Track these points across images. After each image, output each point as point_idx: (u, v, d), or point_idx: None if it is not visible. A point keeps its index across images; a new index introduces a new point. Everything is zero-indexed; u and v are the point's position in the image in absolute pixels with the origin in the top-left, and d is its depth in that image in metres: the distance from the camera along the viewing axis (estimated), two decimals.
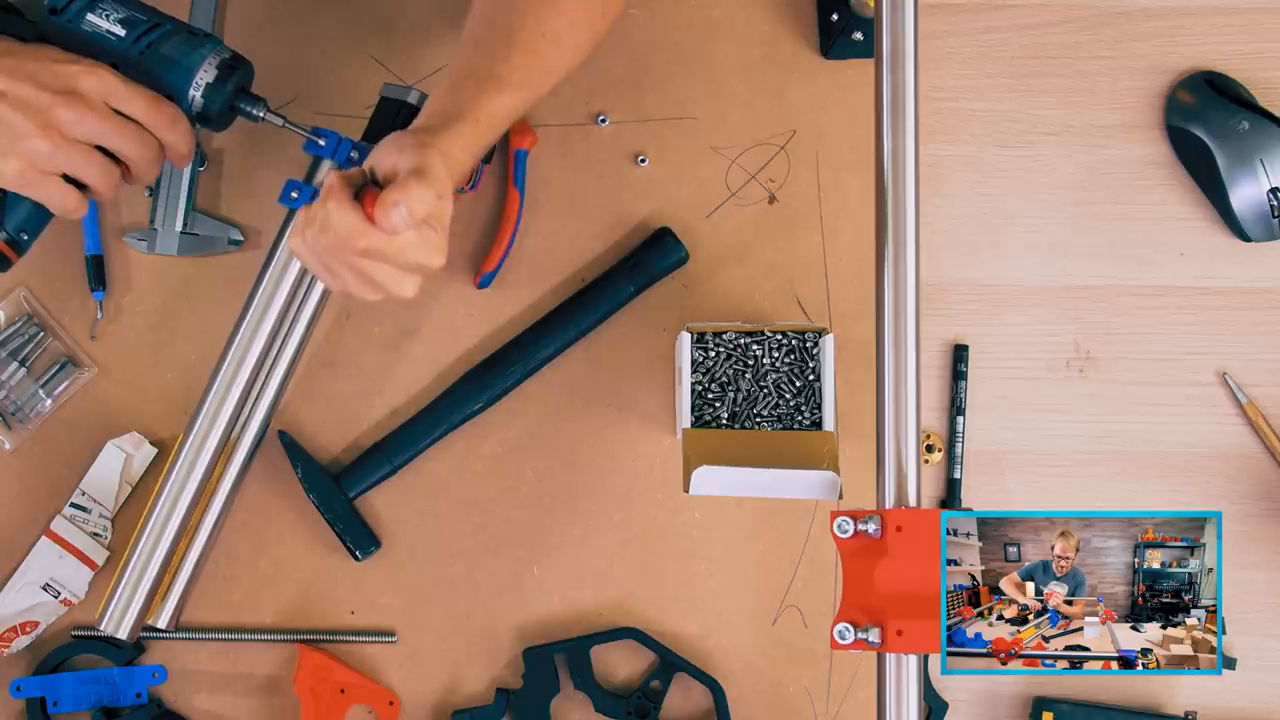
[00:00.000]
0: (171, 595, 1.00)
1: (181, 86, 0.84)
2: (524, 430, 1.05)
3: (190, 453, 0.99)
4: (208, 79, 0.84)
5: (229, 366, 0.98)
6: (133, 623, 0.98)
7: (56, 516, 1.02)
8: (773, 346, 0.95)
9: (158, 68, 0.84)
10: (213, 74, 0.84)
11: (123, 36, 0.84)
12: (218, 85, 0.84)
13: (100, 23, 0.84)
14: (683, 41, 1.09)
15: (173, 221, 1.04)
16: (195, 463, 0.99)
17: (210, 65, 0.84)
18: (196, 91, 0.84)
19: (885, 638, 0.77)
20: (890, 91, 0.84)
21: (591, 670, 1.02)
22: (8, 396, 1.03)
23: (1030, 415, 1.07)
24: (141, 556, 0.98)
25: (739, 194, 1.08)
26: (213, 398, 0.99)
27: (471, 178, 1.04)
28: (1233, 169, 1.06)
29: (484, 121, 0.84)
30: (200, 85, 0.84)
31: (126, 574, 0.98)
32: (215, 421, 0.99)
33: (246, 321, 0.98)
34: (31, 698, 1.00)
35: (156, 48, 0.84)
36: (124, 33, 0.84)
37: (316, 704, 1.01)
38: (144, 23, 0.84)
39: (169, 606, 1.00)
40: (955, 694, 1.04)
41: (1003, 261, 1.08)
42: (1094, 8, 1.10)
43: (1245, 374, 1.07)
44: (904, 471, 0.80)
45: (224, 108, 0.86)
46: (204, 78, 0.84)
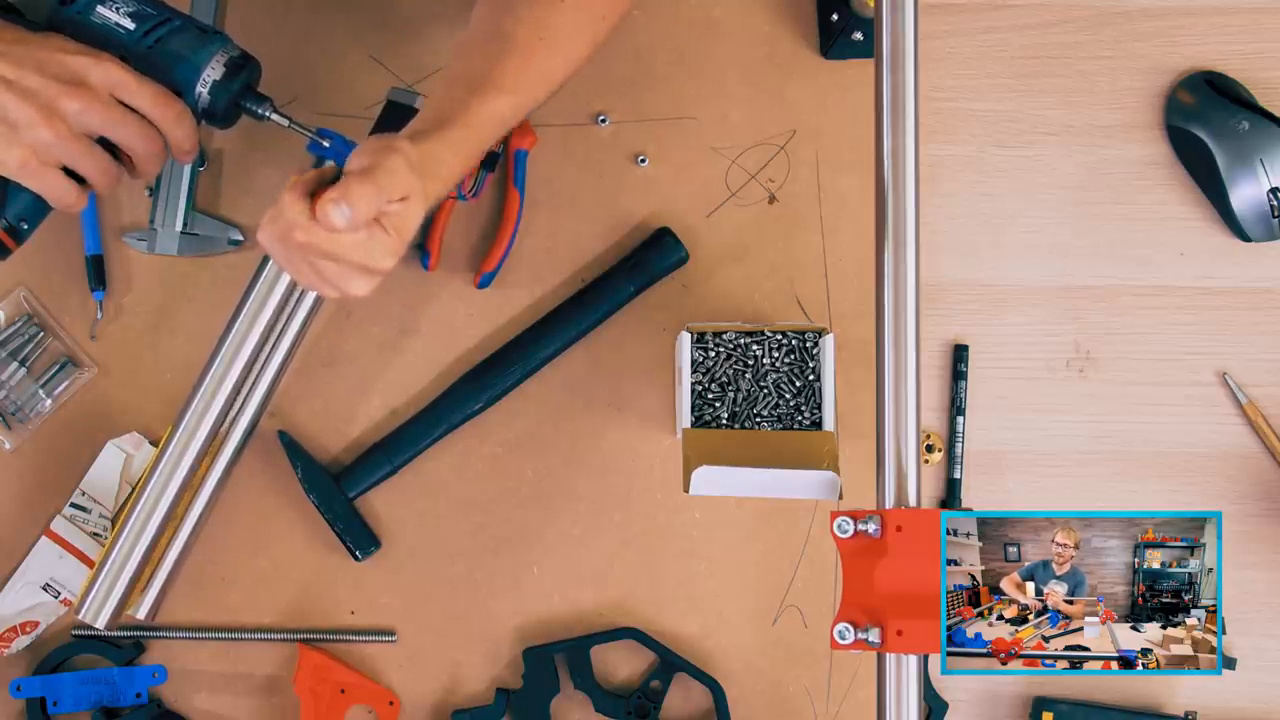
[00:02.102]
0: (152, 588, 1.00)
1: (189, 82, 0.84)
2: (524, 430, 1.05)
3: (178, 445, 0.99)
4: (215, 76, 0.84)
5: (221, 360, 0.98)
6: (111, 613, 0.97)
7: (56, 516, 1.02)
8: (773, 346, 0.95)
9: (166, 62, 0.84)
10: (220, 71, 0.84)
11: (132, 30, 0.84)
12: (224, 83, 0.84)
13: (110, 15, 0.84)
14: (683, 41, 1.09)
15: (173, 221, 1.04)
16: (183, 456, 0.99)
17: (218, 62, 0.84)
18: (204, 88, 0.84)
19: (885, 638, 0.76)
20: (890, 91, 0.84)
21: (591, 670, 1.02)
22: (8, 396, 1.03)
23: (1030, 415, 1.07)
24: (124, 547, 0.98)
25: (739, 194, 1.08)
26: (204, 392, 0.99)
27: (472, 184, 1.03)
28: (1233, 169, 1.06)
29: (476, 126, 0.84)
30: (207, 82, 0.84)
31: (108, 564, 0.98)
32: (205, 416, 0.99)
33: (242, 316, 0.98)
34: (31, 698, 1.00)
35: (165, 43, 0.84)
36: (133, 26, 0.84)
37: (316, 704, 1.01)
38: (154, 17, 0.84)
39: (149, 599, 1.00)
40: (955, 694, 1.04)
41: (1003, 261, 1.08)
42: (1094, 8, 1.10)
43: (1245, 374, 1.07)
44: (904, 471, 0.80)
45: (230, 105, 0.86)
46: (211, 75, 0.84)
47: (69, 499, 1.02)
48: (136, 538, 0.98)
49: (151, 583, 1.00)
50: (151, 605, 1.00)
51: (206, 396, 0.99)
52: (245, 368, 0.99)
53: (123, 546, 0.98)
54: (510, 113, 0.86)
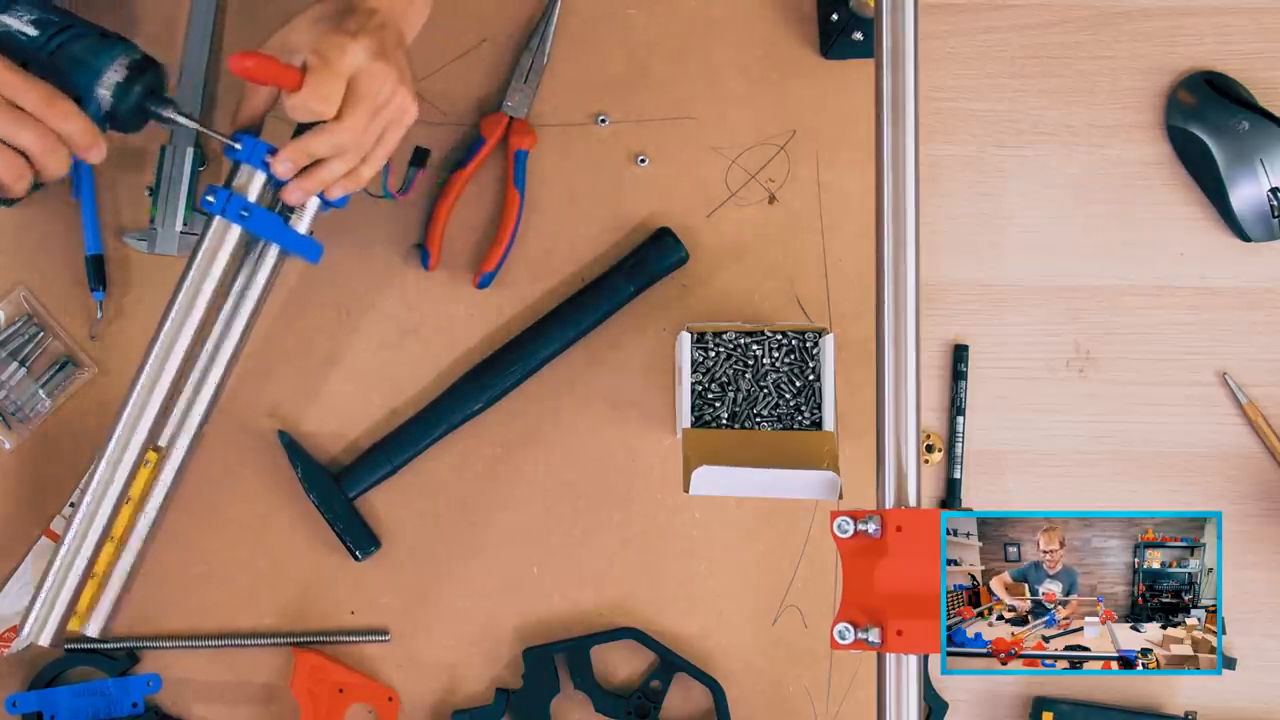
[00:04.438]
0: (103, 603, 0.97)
1: (89, 85, 0.85)
2: (524, 430, 1.05)
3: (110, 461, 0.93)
4: (117, 79, 0.85)
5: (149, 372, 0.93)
6: (54, 631, 0.93)
7: (56, 516, 1.02)
8: (773, 346, 0.95)
9: (66, 67, 0.85)
10: (122, 74, 0.86)
11: (34, 36, 0.85)
12: (126, 85, 0.86)
13: (13, 23, 0.85)
14: (683, 41, 1.09)
15: (173, 221, 1.04)
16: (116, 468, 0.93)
17: (120, 66, 0.86)
18: (105, 90, 0.85)
19: (885, 638, 0.77)
20: (890, 91, 0.84)
21: (591, 670, 1.02)
22: (8, 396, 1.03)
23: (1030, 415, 1.07)
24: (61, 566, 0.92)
25: (739, 194, 1.08)
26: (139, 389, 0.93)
27: (400, 183, 1.04)
28: (1233, 169, 1.06)
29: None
30: (110, 85, 0.85)
31: (46, 584, 0.92)
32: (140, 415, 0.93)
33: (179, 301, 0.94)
34: (27, 713, 1.00)
35: (66, 48, 0.85)
36: (36, 33, 0.85)
37: (315, 705, 1.01)
38: (56, 24, 0.86)
39: (100, 614, 0.97)
40: (955, 694, 1.04)
41: (1003, 261, 1.08)
42: (1094, 8, 1.10)
43: (1245, 374, 1.07)
44: (904, 471, 0.80)
45: (133, 108, 0.87)
46: (113, 77, 0.85)
47: (68, 499, 1.02)
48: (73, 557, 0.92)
49: (102, 599, 0.97)
50: (104, 621, 0.97)
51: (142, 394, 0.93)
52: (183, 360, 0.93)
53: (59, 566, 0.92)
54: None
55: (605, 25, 1.09)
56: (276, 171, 0.89)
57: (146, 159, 1.05)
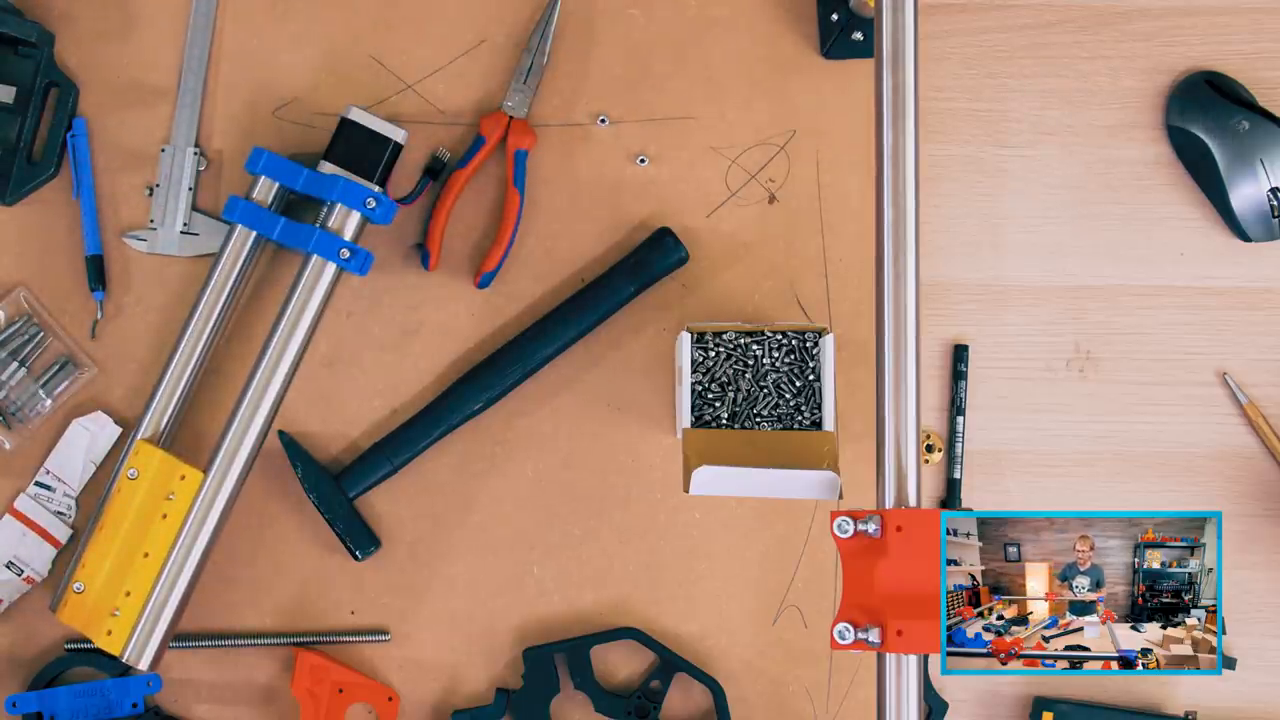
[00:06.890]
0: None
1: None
2: (524, 430, 1.05)
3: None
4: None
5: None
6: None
7: (20, 494, 1.02)
8: (773, 346, 0.95)
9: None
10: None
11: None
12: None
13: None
14: (683, 41, 1.09)
15: (173, 221, 1.04)
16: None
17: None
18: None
19: (885, 638, 0.77)
20: (890, 91, 0.84)
21: (591, 670, 1.02)
22: (8, 396, 1.03)
23: (1030, 415, 1.07)
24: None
25: (739, 194, 1.08)
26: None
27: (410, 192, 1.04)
28: (1233, 169, 1.06)
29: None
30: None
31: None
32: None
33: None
34: (27, 713, 1.00)
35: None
36: None
37: (315, 705, 1.01)
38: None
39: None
40: (955, 694, 1.04)
41: (1003, 261, 1.08)
42: (1094, 8, 1.10)
43: (1245, 374, 1.07)
44: (904, 471, 0.80)
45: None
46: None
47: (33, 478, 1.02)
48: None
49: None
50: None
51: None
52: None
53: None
54: None
55: (605, 25, 1.09)
56: None
57: (147, 159, 1.05)
